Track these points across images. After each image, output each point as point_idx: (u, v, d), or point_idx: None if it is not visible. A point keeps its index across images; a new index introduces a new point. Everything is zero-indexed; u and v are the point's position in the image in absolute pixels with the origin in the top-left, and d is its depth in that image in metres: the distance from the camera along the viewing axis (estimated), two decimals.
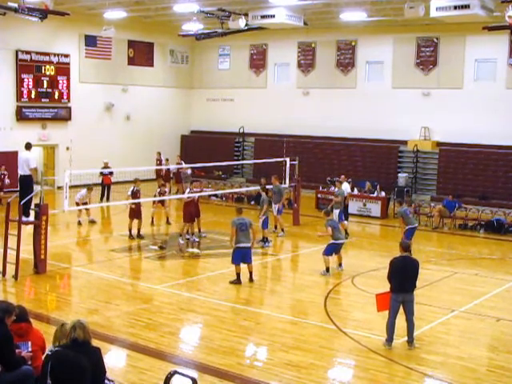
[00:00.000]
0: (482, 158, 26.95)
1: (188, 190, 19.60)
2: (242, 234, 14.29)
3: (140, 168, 25.65)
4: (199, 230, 19.73)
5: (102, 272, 15.37)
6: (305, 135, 31.21)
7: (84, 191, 21.20)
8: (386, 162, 29.12)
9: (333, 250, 15.72)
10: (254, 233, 14.70)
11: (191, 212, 18.96)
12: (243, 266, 14.57)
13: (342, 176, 22.81)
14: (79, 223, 21.08)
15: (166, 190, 22.67)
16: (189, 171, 27.92)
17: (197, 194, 19.36)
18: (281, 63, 32.97)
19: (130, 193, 19.50)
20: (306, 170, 28.02)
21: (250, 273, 14.66)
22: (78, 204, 20.50)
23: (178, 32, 29.52)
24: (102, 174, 25.33)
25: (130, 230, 19.23)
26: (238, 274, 14.44)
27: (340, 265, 15.95)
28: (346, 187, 22.32)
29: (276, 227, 20.74)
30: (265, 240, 18.83)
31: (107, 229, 22.16)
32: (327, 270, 15.50)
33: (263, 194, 19.50)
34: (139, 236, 19.22)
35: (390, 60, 29.60)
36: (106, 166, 25.60)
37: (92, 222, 21.62)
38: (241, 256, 14.39)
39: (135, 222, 19.24)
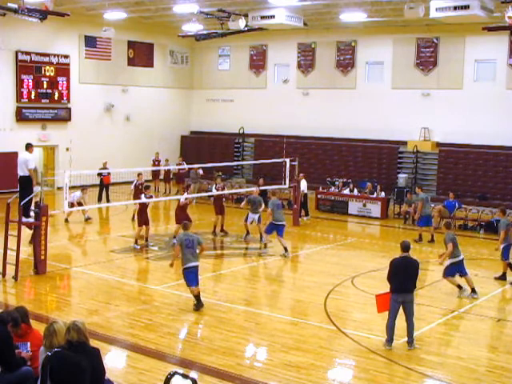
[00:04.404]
0: (482, 159, 26.94)
1: (185, 194, 19.55)
2: (189, 252, 12.38)
3: (139, 169, 25.60)
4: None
5: (102, 273, 15.37)
6: (305, 136, 31.21)
7: (78, 192, 21.23)
8: (385, 163, 29.12)
9: (454, 270, 13.91)
10: (202, 249, 12.80)
11: (187, 215, 18.85)
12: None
13: (302, 174, 22.82)
14: (66, 221, 21.42)
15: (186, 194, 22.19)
16: (200, 171, 27.89)
17: (194, 195, 19.47)
18: (281, 64, 32.97)
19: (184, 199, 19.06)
20: (306, 170, 28.03)
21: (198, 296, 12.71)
22: (73, 205, 20.49)
23: (178, 33, 29.52)
24: (99, 174, 25.32)
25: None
26: (197, 296, 12.62)
27: (474, 291, 13.82)
28: (304, 185, 22.67)
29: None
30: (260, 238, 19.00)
31: (107, 230, 22.18)
32: (459, 287, 13.87)
33: (273, 197, 18.53)
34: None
35: (389, 60, 29.60)
36: (104, 167, 25.62)
37: (88, 219, 21.65)
38: (195, 276, 12.54)
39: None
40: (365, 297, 13.65)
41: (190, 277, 12.48)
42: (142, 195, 18.51)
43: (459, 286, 13.90)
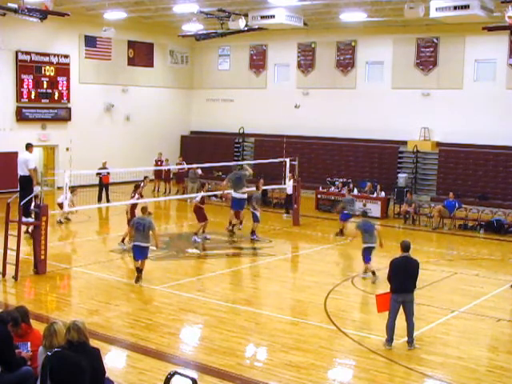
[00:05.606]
0: (482, 159, 26.94)
1: (201, 194, 19.68)
2: (139, 234, 14.16)
3: (139, 168, 25.63)
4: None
5: (102, 273, 15.36)
6: (305, 136, 31.20)
7: (69, 194, 21.19)
8: (386, 163, 29.11)
9: (369, 254, 15.31)
10: (154, 235, 14.47)
11: (204, 213, 19.36)
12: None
13: (290, 174, 23.06)
14: (59, 222, 21.23)
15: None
16: (199, 171, 27.91)
17: (199, 194, 19.64)
18: (281, 64, 32.97)
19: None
20: (307, 170, 28.04)
21: (140, 270, 14.39)
22: (61, 206, 20.43)
23: (178, 32, 29.52)
24: (98, 174, 25.28)
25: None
26: (139, 269, 14.46)
27: (371, 272, 15.22)
28: (289, 186, 23.06)
29: None
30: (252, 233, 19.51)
31: (106, 230, 22.18)
32: (373, 273, 15.11)
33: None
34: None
35: (389, 60, 29.60)
36: (104, 167, 25.62)
37: (67, 219, 21.59)
38: (139, 253, 14.34)
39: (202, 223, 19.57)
40: (365, 297, 13.65)
41: (136, 253, 14.35)
42: (135, 197, 18.66)
43: (373, 272, 15.08)
